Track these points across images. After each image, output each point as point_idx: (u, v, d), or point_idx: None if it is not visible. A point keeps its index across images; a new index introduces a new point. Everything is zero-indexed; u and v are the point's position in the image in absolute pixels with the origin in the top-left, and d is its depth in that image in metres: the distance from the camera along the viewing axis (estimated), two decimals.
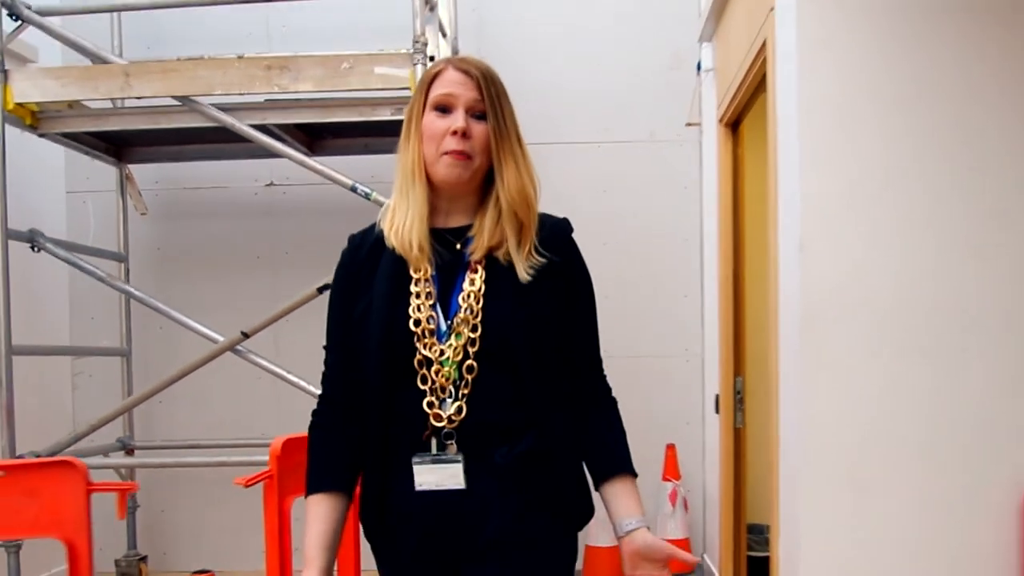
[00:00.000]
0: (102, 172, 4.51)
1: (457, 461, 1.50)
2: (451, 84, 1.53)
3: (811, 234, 2.68)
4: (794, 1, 2.68)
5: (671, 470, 4.42)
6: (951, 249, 2.62)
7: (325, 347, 1.64)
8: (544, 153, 2.78)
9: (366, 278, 1.58)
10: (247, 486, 3.00)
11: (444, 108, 1.53)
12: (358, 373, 1.55)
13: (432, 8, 3.57)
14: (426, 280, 1.54)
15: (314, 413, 1.63)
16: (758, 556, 4.03)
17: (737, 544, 4.10)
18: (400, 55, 3.40)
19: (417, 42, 3.36)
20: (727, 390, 4.07)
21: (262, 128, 3.61)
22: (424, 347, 1.49)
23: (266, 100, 3.58)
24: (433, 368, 1.49)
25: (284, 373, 3.66)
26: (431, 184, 1.55)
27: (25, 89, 3.48)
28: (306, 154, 3.92)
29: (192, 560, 4.62)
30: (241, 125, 3.50)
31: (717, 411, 4.20)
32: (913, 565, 2.66)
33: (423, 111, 1.54)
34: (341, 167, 3.74)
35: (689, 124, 4.53)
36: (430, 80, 1.55)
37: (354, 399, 1.56)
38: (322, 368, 1.63)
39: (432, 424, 1.49)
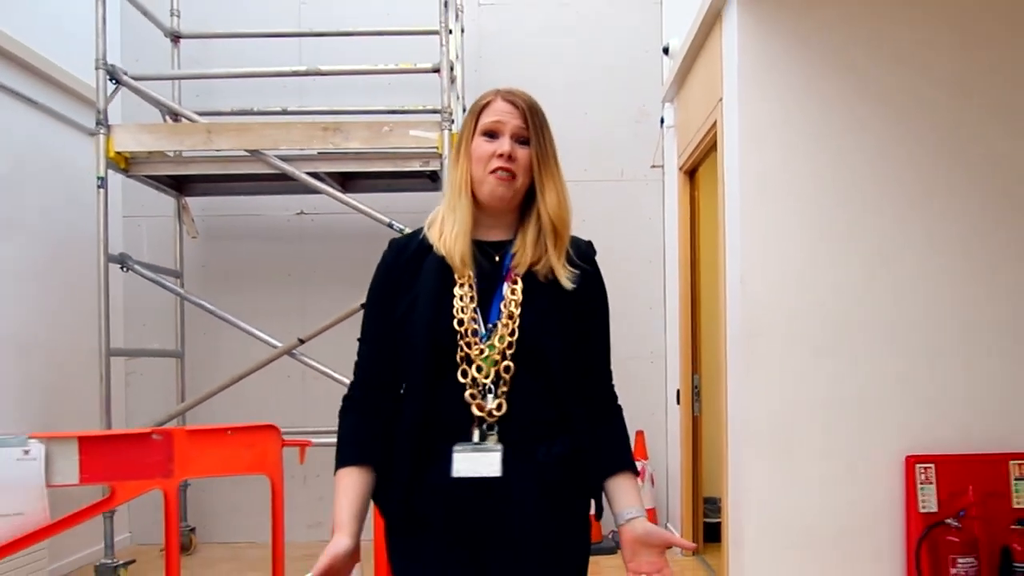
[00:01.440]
0: (157, 200, 5.26)
1: (496, 450, 1.57)
2: (499, 113, 1.65)
3: (748, 269, 3.63)
4: (736, 98, 3.62)
5: (640, 452, 5.31)
6: (846, 281, 3.60)
7: (360, 339, 1.72)
8: None
9: (409, 280, 1.66)
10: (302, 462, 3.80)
11: (492, 134, 1.64)
12: (393, 364, 1.65)
13: (453, 80, 4.43)
14: (469, 286, 1.63)
15: (346, 398, 1.70)
16: (712, 522, 4.87)
17: (695, 512, 5.00)
18: (430, 122, 4.27)
19: (444, 112, 4.23)
20: (686, 385, 4.99)
21: (311, 173, 4.44)
22: (467, 345, 1.58)
23: (319, 153, 4.40)
24: (474, 365, 1.58)
25: (331, 372, 4.45)
26: (476, 201, 1.66)
27: (125, 141, 4.27)
28: (341, 191, 4.75)
29: (229, 532, 5.39)
30: (299, 173, 4.33)
31: (678, 403, 5.12)
32: (825, 511, 3.60)
33: (472, 136, 1.67)
34: (364, 201, 4.56)
35: (654, 166, 5.46)
36: (480, 109, 1.68)
37: (385, 387, 1.66)
38: (352, 360, 1.72)
39: (475, 415, 1.57)
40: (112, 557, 4.26)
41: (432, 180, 4.68)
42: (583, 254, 1.71)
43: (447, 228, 1.64)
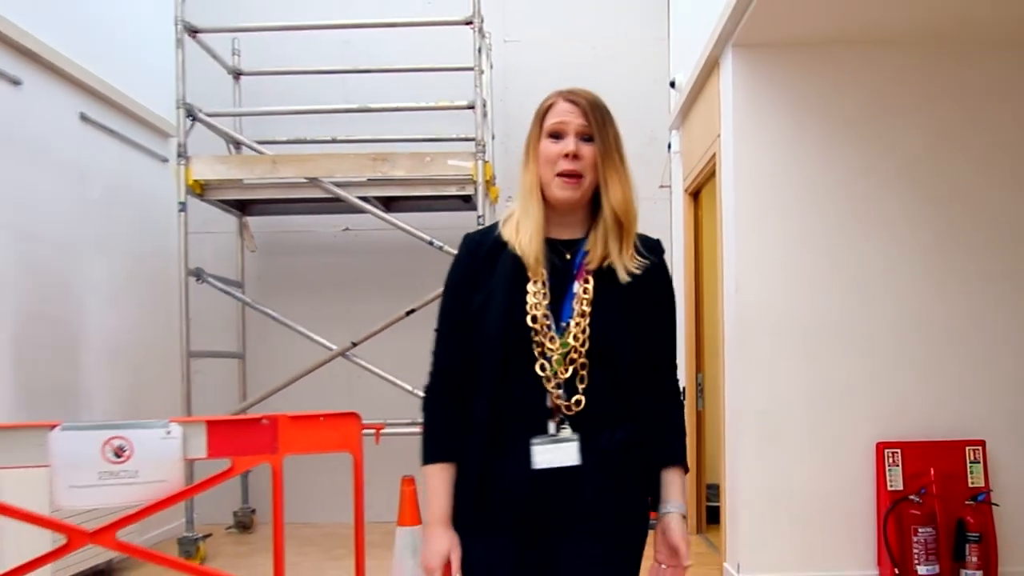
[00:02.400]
0: (218, 218, 5.90)
1: (573, 440, 1.63)
2: (562, 114, 1.71)
3: (743, 279, 4.25)
4: (731, 136, 4.25)
5: None
6: (826, 293, 4.21)
7: (437, 331, 1.78)
8: None
9: (485, 274, 1.70)
10: (377, 442, 4.46)
11: (557, 135, 1.70)
12: (469, 356, 1.70)
13: (485, 116, 5.06)
14: (542, 283, 1.67)
15: (429, 388, 1.76)
16: (713, 506, 5.44)
17: (699, 497, 5.60)
18: (466, 152, 4.91)
19: (479, 144, 4.87)
20: (691, 382, 5.60)
21: (360, 197, 5.08)
22: (540, 342, 1.64)
23: (368, 179, 5.03)
24: (554, 359, 1.63)
25: (380, 372, 5.08)
26: (546, 201, 1.71)
27: (201, 170, 4.92)
28: (384, 211, 5.38)
29: (289, 512, 6.01)
30: (351, 197, 4.97)
31: (684, 398, 5.71)
32: (808, 490, 4.21)
33: (539, 139, 1.73)
34: (404, 219, 5.18)
35: (662, 186, 6.08)
36: (544, 111, 1.75)
37: (464, 378, 1.70)
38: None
39: (553, 409, 1.64)
40: (193, 531, 4.92)
41: (465, 201, 5.30)
42: (652, 250, 1.76)
43: (522, 229, 1.69)
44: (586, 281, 1.68)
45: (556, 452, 1.63)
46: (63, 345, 4.57)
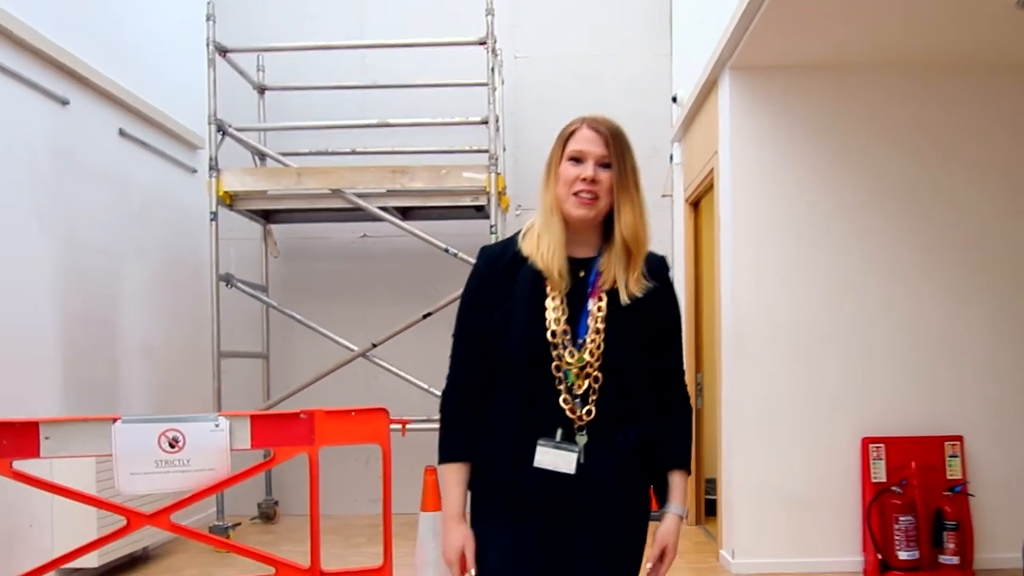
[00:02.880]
0: (243, 225, 6.22)
1: (574, 451, 1.73)
2: (584, 141, 1.77)
3: (738, 286, 4.58)
4: (728, 153, 4.57)
5: None
6: (816, 299, 4.53)
7: (455, 337, 1.86)
8: None
9: (505, 287, 1.79)
10: (404, 435, 4.77)
11: (577, 159, 1.77)
12: (487, 364, 1.79)
13: (498, 130, 5.38)
14: (560, 299, 1.77)
15: (447, 393, 1.85)
16: (711, 499, 5.75)
17: (697, 491, 5.91)
18: (480, 165, 5.23)
19: (492, 157, 5.19)
20: (691, 382, 5.89)
21: (380, 207, 5.41)
22: (559, 356, 1.74)
23: (388, 190, 5.36)
24: (573, 371, 1.74)
25: (397, 370, 5.41)
26: (563, 217, 1.79)
27: (231, 182, 5.26)
28: (401, 219, 5.70)
29: (307, 505, 6.34)
30: (373, 208, 5.30)
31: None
32: (798, 482, 4.54)
33: (560, 160, 1.80)
34: (419, 227, 5.52)
35: (664, 195, 6.39)
36: (567, 135, 1.81)
37: (481, 384, 1.80)
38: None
39: (568, 419, 1.74)
40: (223, 520, 5.25)
41: (478, 211, 5.62)
42: (656, 270, 1.83)
43: (543, 244, 1.77)
44: (600, 299, 1.77)
45: (556, 457, 1.73)
46: (104, 345, 4.91)
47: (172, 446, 3.22)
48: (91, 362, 4.74)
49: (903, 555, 4.32)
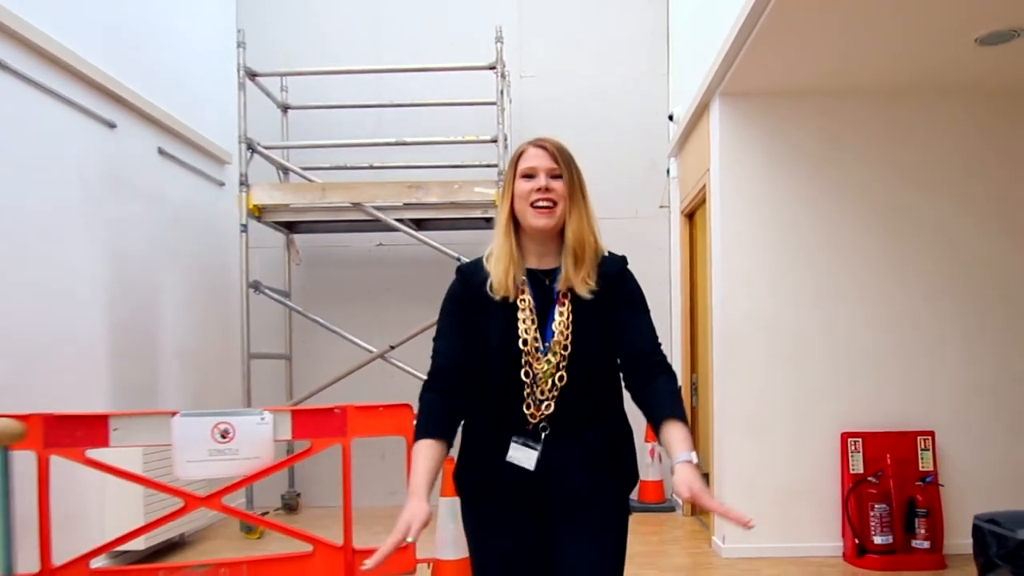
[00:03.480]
0: (267, 235, 6.64)
1: (536, 450, 1.91)
2: (533, 158, 1.98)
3: (727, 293, 4.99)
4: (717, 172, 4.98)
5: (650, 436, 6.65)
6: (798, 307, 4.93)
7: (435, 339, 2.03)
8: None
9: (480, 302, 1.98)
10: None
11: (529, 176, 1.96)
12: (462, 363, 1.96)
13: (506, 148, 5.80)
14: (529, 310, 1.95)
15: (426, 383, 2.01)
16: None
17: None
18: (489, 181, 5.65)
19: (501, 173, 5.61)
20: (686, 382, 6.32)
21: (396, 219, 5.83)
22: (528, 363, 1.92)
23: (404, 204, 5.78)
24: (539, 378, 1.92)
25: (413, 371, 5.83)
26: (526, 232, 1.98)
27: (260, 196, 5.68)
28: (415, 229, 6.12)
29: (326, 497, 6.74)
30: (390, 220, 5.72)
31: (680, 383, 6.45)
32: (784, 474, 4.94)
33: (514, 180, 1.98)
34: (431, 237, 5.94)
35: (662, 207, 6.81)
36: (517, 157, 2.01)
37: (456, 378, 1.97)
38: (422, 361, 2.12)
39: (529, 420, 1.92)
40: (252, 509, 5.66)
41: (487, 222, 6.03)
42: (614, 264, 2.02)
43: (500, 266, 1.96)
44: (563, 304, 1.94)
45: (521, 454, 1.92)
46: (144, 348, 5.33)
47: (224, 437, 3.65)
48: (133, 363, 5.16)
49: (878, 540, 4.73)
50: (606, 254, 2.03)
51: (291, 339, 6.69)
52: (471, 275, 2.02)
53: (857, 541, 4.77)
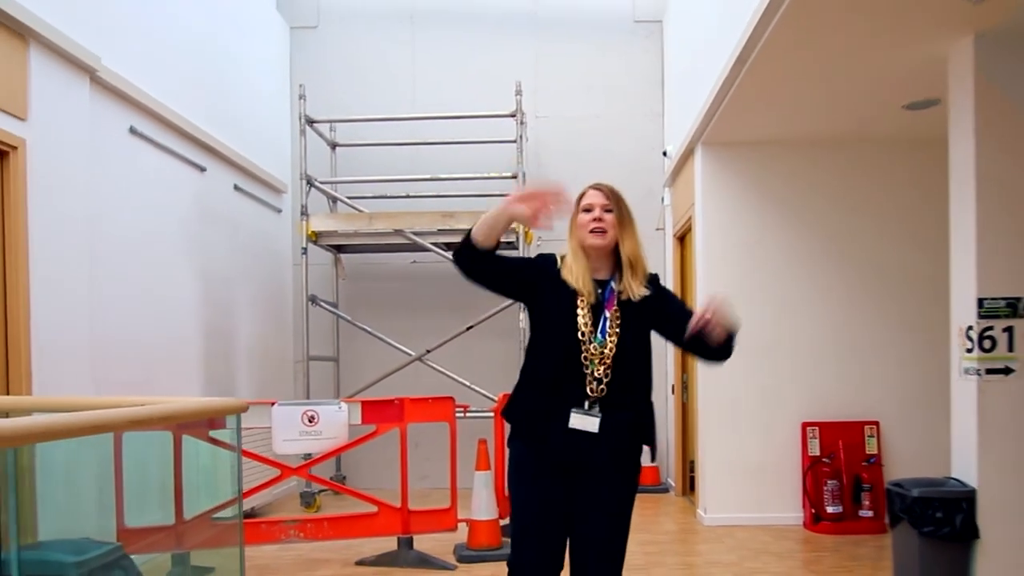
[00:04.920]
0: (318, 253, 7.70)
1: (597, 417, 2.50)
2: (590, 197, 2.65)
3: None
4: (700, 208, 6.05)
5: None
6: (767, 319, 5.99)
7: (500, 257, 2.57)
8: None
9: (548, 285, 2.60)
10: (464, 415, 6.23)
11: (588, 210, 2.61)
12: (502, 271, 2.59)
13: (524, 182, 6.86)
14: (587, 309, 2.56)
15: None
16: (695, 477, 7.23)
17: (683, 469, 7.37)
18: None
19: None
20: (679, 382, 7.38)
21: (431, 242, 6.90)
22: (586, 350, 2.52)
23: (438, 229, 6.84)
24: (594, 360, 2.51)
25: (444, 370, 6.89)
26: (585, 252, 2.59)
27: (317, 224, 6.76)
28: (446, 250, 7.18)
29: (369, 480, 7.81)
30: (427, 244, 6.79)
31: (673, 393, 7.53)
32: (755, 456, 6.00)
33: (577, 214, 2.64)
34: None
35: (657, 229, 7.86)
36: (580, 197, 2.67)
37: (495, 259, 2.54)
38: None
39: (589, 394, 2.51)
40: (311, 487, 6.74)
41: (508, 245, 7.09)
42: (652, 279, 2.67)
43: (575, 271, 2.58)
44: (614, 310, 2.55)
45: (585, 421, 2.49)
46: (224, 349, 6.41)
47: (311, 421, 4.73)
48: (217, 362, 6.25)
49: (831, 509, 5.77)
50: (650, 271, 2.68)
51: (338, 344, 7.77)
52: (549, 261, 2.68)
53: (814, 511, 5.82)
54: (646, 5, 7.96)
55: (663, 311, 2.63)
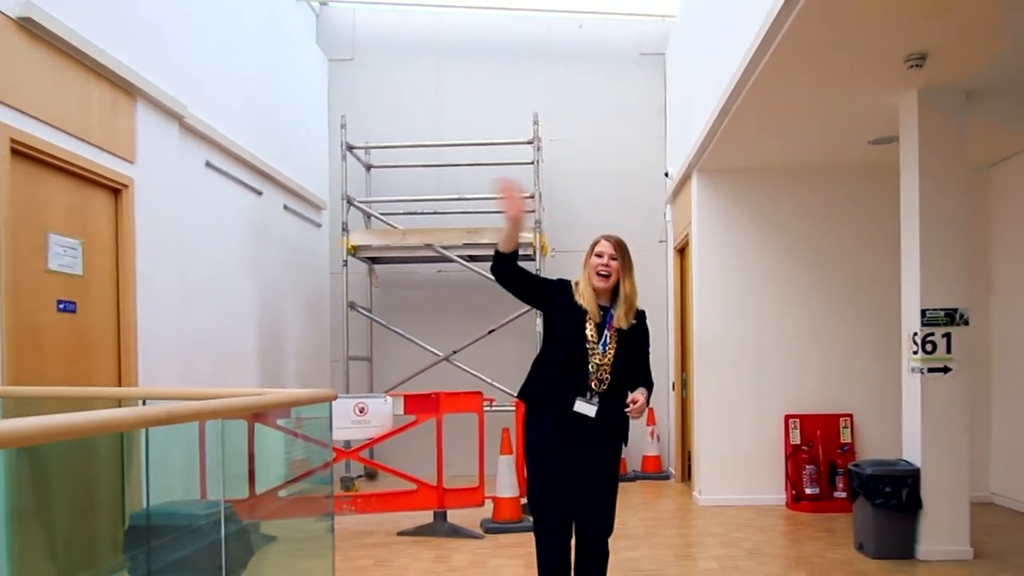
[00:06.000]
0: (352, 263, 8.56)
1: (595, 405, 3.41)
2: (602, 246, 3.49)
3: (703, 314, 6.88)
4: (696, 227, 6.89)
5: (651, 420, 8.54)
6: (755, 325, 6.83)
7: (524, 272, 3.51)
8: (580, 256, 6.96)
9: (562, 302, 3.48)
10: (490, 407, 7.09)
11: (599, 255, 3.47)
12: (524, 282, 3.47)
13: (540, 201, 7.70)
14: (594, 325, 3.43)
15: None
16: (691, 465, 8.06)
17: (683, 458, 8.20)
18: (529, 228, 7.56)
19: (537, 222, 7.52)
20: (678, 380, 8.21)
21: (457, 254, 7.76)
22: (593, 355, 3.40)
23: (463, 243, 7.69)
24: (596, 365, 3.41)
25: (469, 369, 7.73)
26: (592, 286, 3.46)
27: (356, 239, 7.62)
28: (468, 261, 8.03)
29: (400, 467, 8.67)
30: (454, 256, 7.65)
31: (674, 389, 8.36)
32: (744, 445, 6.83)
33: (590, 256, 3.50)
34: (479, 267, 7.85)
35: (660, 241, 8.69)
36: (594, 244, 3.52)
37: (519, 272, 3.46)
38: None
39: (592, 388, 3.42)
40: (350, 472, 7.61)
41: (525, 258, 7.93)
42: (639, 314, 3.54)
43: (586, 297, 3.47)
44: (613, 332, 3.45)
45: (585, 407, 3.41)
46: (276, 350, 7.28)
47: (361, 412, 5.58)
48: (270, 361, 7.12)
49: (809, 491, 6.60)
50: (640, 307, 3.57)
51: (372, 345, 8.63)
52: (563, 287, 3.58)
53: (794, 492, 6.64)
54: (650, 39, 8.80)
55: (634, 347, 3.54)
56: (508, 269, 3.45)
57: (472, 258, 8.15)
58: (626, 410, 3.39)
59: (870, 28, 4.07)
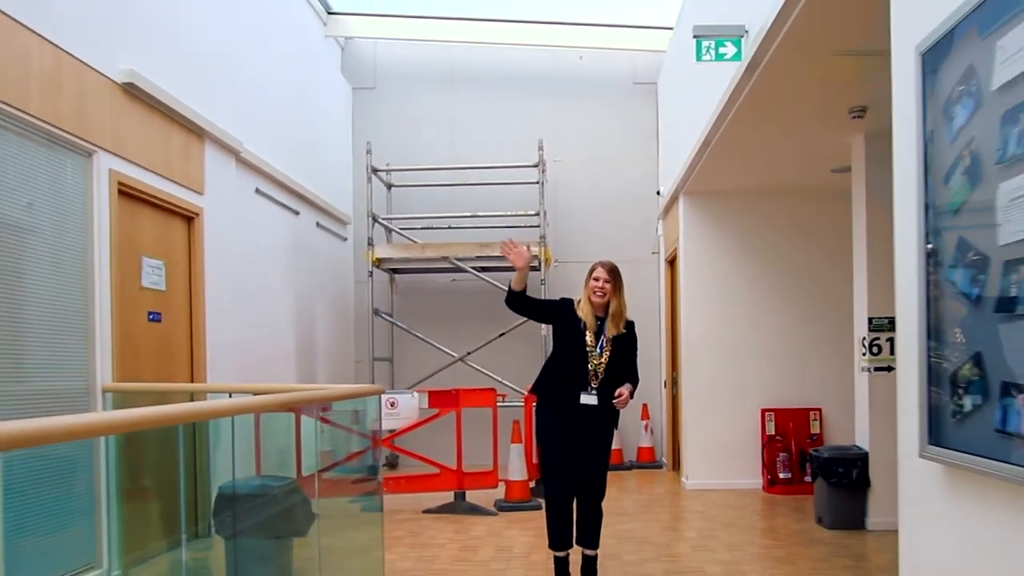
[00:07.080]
0: (375, 273, 9.47)
1: (594, 396, 4.34)
2: (598, 271, 4.39)
3: (689, 318, 7.79)
4: (683, 244, 7.80)
5: (644, 415, 9.43)
6: (735, 330, 7.73)
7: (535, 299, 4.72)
8: (584, 267, 7.85)
9: (568, 316, 4.38)
10: (503, 400, 8.00)
11: (596, 278, 4.38)
12: (539, 305, 4.70)
13: (545, 217, 8.60)
14: (592, 334, 4.35)
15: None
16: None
17: (674, 449, 9.10)
18: (535, 242, 8.46)
19: (542, 236, 8.42)
20: (669, 378, 9.10)
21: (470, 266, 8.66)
22: (591, 358, 4.32)
23: (476, 256, 8.59)
24: (594, 364, 4.33)
25: (482, 369, 8.63)
26: (590, 302, 4.38)
27: (380, 252, 8.53)
28: (480, 272, 8.92)
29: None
30: (468, 268, 8.55)
31: (665, 387, 9.26)
32: (725, 437, 7.74)
33: (589, 280, 4.41)
34: (492, 277, 8.75)
35: (653, 253, 9.59)
36: (592, 269, 4.43)
37: (531, 301, 4.48)
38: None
39: (592, 384, 4.33)
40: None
41: (533, 269, 8.81)
42: (629, 324, 4.47)
43: (585, 311, 4.37)
44: (607, 339, 4.37)
45: (589, 399, 4.32)
46: (308, 350, 8.18)
47: (392, 406, 6.49)
48: (305, 362, 8.02)
49: (782, 476, 7.49)
50: (628, 318, 4.49)
51: (393, 347, 9.54)
52: (568, 304, 4.48)
53: (769, 477, 7.54)
54: (644, 70, 9.71)
55: (624, 351, 4.45)
56: (519, 301, 4.39)
57: (484, 269, 9.04)
58: (613, 401, 4.29)
59: (816, 90, 4.97)
